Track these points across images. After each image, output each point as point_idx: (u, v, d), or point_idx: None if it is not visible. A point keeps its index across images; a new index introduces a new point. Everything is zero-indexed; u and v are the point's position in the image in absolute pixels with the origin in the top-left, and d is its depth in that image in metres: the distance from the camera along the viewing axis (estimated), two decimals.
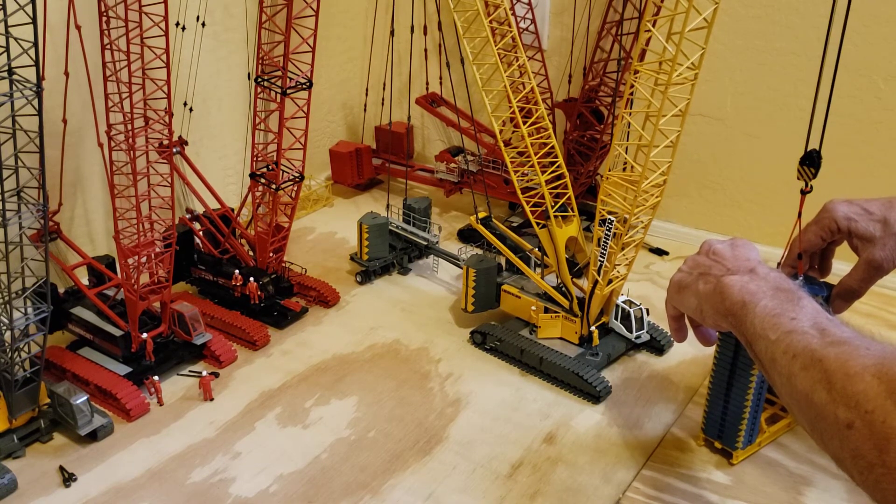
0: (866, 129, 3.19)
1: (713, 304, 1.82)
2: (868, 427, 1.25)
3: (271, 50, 2.91)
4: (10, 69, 2.00)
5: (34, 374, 2.43)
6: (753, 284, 1.72)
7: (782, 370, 1.49)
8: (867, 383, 1.28)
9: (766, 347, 1.57)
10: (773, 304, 1.63)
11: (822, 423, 1.37)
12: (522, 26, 3.74)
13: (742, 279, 1.75)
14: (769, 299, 1.65)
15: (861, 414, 1.27)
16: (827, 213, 2.23)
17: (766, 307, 1.62)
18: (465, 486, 2.34)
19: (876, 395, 1.26)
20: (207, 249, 3.24)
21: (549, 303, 2.88)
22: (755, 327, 1.62)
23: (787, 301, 1.62)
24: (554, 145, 2.75)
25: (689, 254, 2.06)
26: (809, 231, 2.26)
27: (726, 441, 2.38)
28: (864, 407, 1.26)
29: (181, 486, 2.34)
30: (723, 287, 1.77)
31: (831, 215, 2.21)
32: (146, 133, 2.58)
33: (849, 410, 1.29)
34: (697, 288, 1.90)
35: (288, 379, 2.83)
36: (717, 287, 1.80)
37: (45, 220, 2.27)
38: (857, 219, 2.17)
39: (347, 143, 4.26)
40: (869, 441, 1.25)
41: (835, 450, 1.35)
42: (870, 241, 2.16)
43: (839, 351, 1.38)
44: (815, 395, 1.38)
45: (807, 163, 2.17)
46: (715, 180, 3.61)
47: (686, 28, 2.12)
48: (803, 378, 1.42)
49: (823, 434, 1.38)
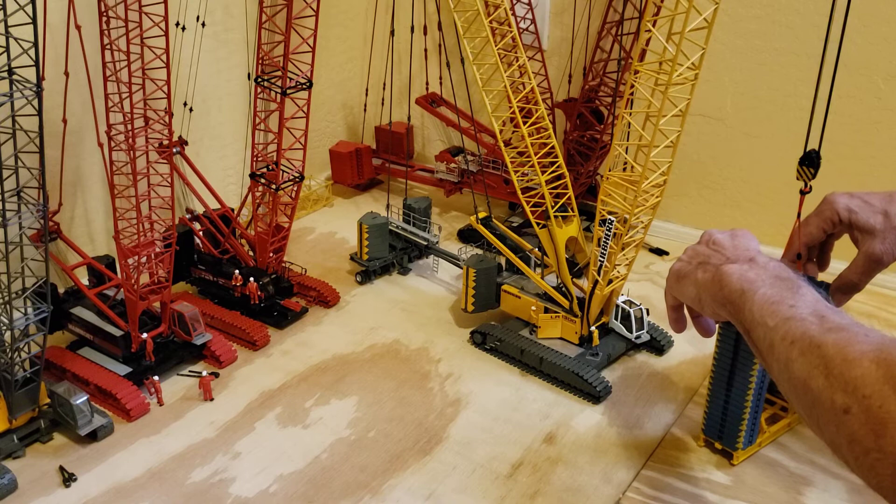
0: (866, 129, 3.19)
1: (712, 293, 1.82)
2: (865, 412, 1.25)
3: (271, 50, 2.91)
4: (10, 69, 2.00)
5: (34, 374, 2.43)
6: (752, 273, 1.72)
7: (780, 356, 1.49)
8: (865, 368, 1.28)
9: (764, 335, 1.57)
10: (771, 291, 1.63)
11: (818, 409, 1.36)
12: (522, 26, 3.74)
13: (741, 268, 1.75)
14: (768, 287, 1.65)
15: (858, 399, 1.27)
16: (828, 204, 2.23)
17: (765, 295, 1.62)
18: (465, 486, 2.34)
19: (874, 380, 1.26)
20: (207, 249, 3.24)
21: (549, 303, 2.88)
22: (753, 315, 1.62)
23: (786, 289, 1.62)
24: (554, 145, 2.75)
25: None
26: (810, 223, 2.26)
27: (727, 442, 2.38)
28: (862, 391, 1.26)
29: (181, 486, 2.34)
30: (721, 275, 1.77)
31: (832, 207, 2.21)
32: (146, 133, 2.58)
33: (846, 395, 1.29)
34: (696, 277, 1.89)
35: (288, 379, 2.83)
36: (715, 275, 1.80)
37: (45, 220, 2.27)
38: (858, 211, 2.17)
39: (347, 143, 4.26)
40: (865, 426, 1.25)
41: (831, 435, 1.34)
42: (870, 234, 2.16)
43: (838, 337, 1.38)
44: (812, 381, 1.37)
45: (806, 163, 2.17)
46: (715, 180, 3.61)
47: (686, 28, 2.12)
48: (801, 363, 1.42)
49: (820, 420, 1.37)
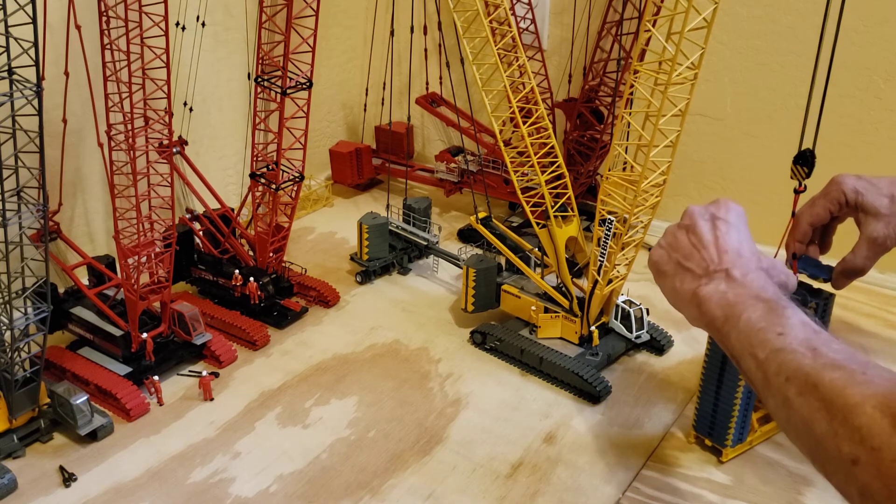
0: (866, 129, 3.19)
1: (691, 314, 1.73)
2: (876, 465, 1.17)
3: (271, 50, 2.91)
4: (10, 69, 2.00)
5: (34, 374, 2.43)
6: (732, 294, 1.61)
7: (776, 393, 1.40)
8: (870, 416, 1.20)
9: (755, 367, 1.47)
10: (756, 316, 1.52)
11: (823, 454, 1.29)
12: (522, 26, 3.74)
13: (718, 288, 1.64)
14: (751, 311, 1.54)
15: (867, 450, 1.19)
16: (835, 185, 2.20)
17: (750, 321, 1.52)
18: (465, 486, 2.34)
19: (881, 429, 1.18)
20: (207, 249, 3.24)
21: (549, 303, 2.88)
22: (742, 343, 1.52)
23: (770, 312, 1.51)
24: (554, 145, 2.75)
25: None
26: (817, 204, 2.23)
27: (716, 438, 2.38)
28: (870, 443, 1.18)
29: (181, 486, 2.34)
30: (700, 300, 1.67)
31: (839, 187, 2.18)
32: (146, 133, 2.58)
33: (853, 445, 1.21)
34: (674, 285, 1.79)
35: (288, 379, 2.83)
36: (693, 298, 1.70)
37: (45, 220, 2.27)
38: (865, 193, 2.14)
39: (347, 143, 4.26)
40: (878, 479, 1.17)
41: (839, 482, 1.27)
42: (875, 216, 2.13)
43: (835, 376, 1.29)
44: (814, 425, 1.29)
45: (800, 162, 2.17)
46: (715, 180, 3.61)
47: (686, 28, 2.12)
48: (800, 405, 1.33)
49: (826, 465, 1.29)
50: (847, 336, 2.96)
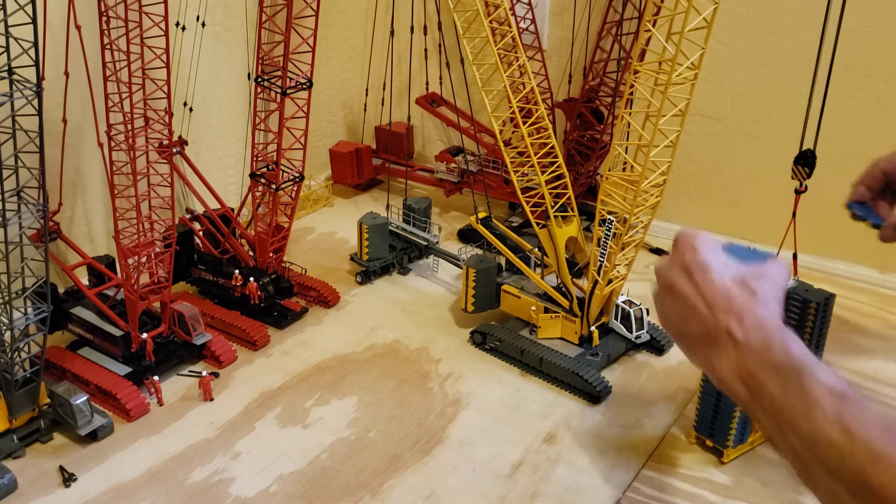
0: (866, 130, 3.19)
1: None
2: None
3: (271, 50, 2.91)
4: (10, 69, 2.00)
5: (34, 374, 2.43)
6: (743, 366, 1.33)
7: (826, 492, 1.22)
8: None
9: (793, 458, 1.25)
10: (777, 392, 1.26)
11: None
12: (522, 26, 3.74)
13: (730, 361, 1.32)
14: (770, 383, 1.25)
15: None
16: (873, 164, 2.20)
17: (773, 399, 1.26)
18: (465, 486, 2.34)
19: None
20: (207, 249, 3.24)
21: (549, 303, 2.88)
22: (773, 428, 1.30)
23: (788, 385, 1.23)
24: (554, 145, 2.75)
25: None
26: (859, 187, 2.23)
27: (717, 439, 2.38)
28: None
29: (181, 486, 2.34)
30: (720, 380, 1.42)
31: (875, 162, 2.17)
32: (146, 133, 2.58)
33: None
34: (691, 359, 1.56)
35: (288, 379, 2.83)
36: (714, 377, 1.48)
37: (45, 220, 2.27)
38: None
39: (347, 143, 4.26)
40: None
41: None
42: None
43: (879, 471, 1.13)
44: None
45: (801, 162, 2.17)
46: (715, 180, 3.61)
47: (686, 28, 2.12)
48: None
49: None
50: (847, 336, 2.96)
